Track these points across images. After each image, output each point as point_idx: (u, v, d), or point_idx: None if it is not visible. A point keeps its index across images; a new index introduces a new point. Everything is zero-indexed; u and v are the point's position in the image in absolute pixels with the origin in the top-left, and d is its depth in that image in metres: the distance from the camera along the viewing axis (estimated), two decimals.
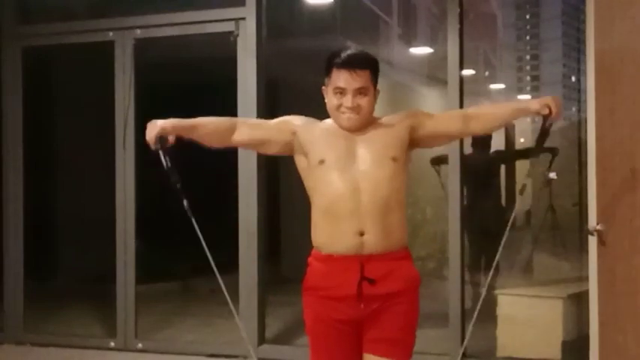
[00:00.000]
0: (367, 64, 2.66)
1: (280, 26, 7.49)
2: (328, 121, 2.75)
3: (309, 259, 2.73)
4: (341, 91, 2.63)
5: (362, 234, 2.58)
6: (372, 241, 2.59)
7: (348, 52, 2.68)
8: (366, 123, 2.68)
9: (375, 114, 2.74)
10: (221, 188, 6.33)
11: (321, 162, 2.63)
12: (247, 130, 2.78)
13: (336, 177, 2.60)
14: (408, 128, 2.70)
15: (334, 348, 2.67)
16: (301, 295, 2.75)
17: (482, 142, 6.72)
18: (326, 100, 2.72)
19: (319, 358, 2.71)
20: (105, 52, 5.55)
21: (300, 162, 2.75)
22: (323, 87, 2.73)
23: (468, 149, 6.53)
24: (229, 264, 5.43)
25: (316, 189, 2.67)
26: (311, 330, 2.73)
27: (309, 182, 2.72)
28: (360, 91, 2.62)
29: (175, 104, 8.73)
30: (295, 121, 2.76)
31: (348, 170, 2.61)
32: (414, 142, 2.73)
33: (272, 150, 2.81)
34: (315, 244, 2.70)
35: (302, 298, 2.74)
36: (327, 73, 2.68)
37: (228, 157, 5.48)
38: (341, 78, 2.62)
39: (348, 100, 2.62)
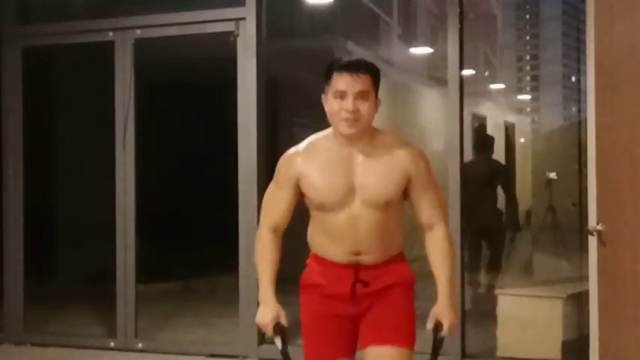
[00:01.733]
0: (368, 69, 2.63)
1: (280, 26, 7.50)
2: (325, 138, 2.71)
3: (308, 260, 2.83)
4: (341, 95, 2.59)
5: (358, 254, 2.66)
6: (368, 259, 2.68)
7: (349, 58, 2.69)
8: (367, 133, 2.65)
9: (376, 113, 2.71)
10: (221, 188, 6.33)
11: (321, 206, 2.66)
12: (280, 218, 2.78)
13: (335, 216, 2.64)
14: (405, 175, 2.66)
15: (330, 341, 2.74)
16: (298, 293, 2.82)
17: (485, 145, 6.72)
18: (326, 109, 2.67)
19: (316, 353, 2.78)
20: (105, 52, 5.55)
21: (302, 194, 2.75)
22: (322, 95, 2.69)
23: (470, 151, 6.55)
24: (229, 264, 5.46)
25: (314, 214, 2.73)
26: (307, 326, 2.80)
27: (308, 204, 2.74)
28: (360, 95, 2.58)
29: (175, 104, 8.80)
30: (292, 168, 2.70)
31: (345, 208, 2.63)
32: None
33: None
34: (312, 249, 2.79)
35: (298, 297, 2.82)
36: (327, 79, 2.65)
37: (228, 157, 5.51)
38: (341, 81, 2.59)
39: (348, 103, 2.57)
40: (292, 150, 2.74)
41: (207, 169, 8.59)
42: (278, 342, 2.74)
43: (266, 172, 5.37)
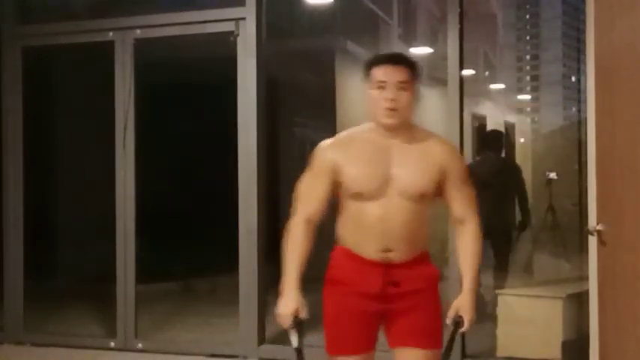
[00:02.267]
0: (407, 62, 2.72)
1: (280, 26, 7.51)
2: (363, 130, 2.77)
3: (334, 254, 2.83)
4: (381, 85, 2.67)
5: (388, 251, 2.70)
6: (397, 256, 2.71)
7: (388, 53, 2.81)
8: (406, 126, 2.72)
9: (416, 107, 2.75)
10: (221, 188, 6.33)
11: (358, 194, 2.68)
12: (315, 209, 2.78)
13: (369, 206, 2.68)
14: (442, 170, 2.73)
15: (354, 336, 2.75)
16: (322, 286, 2.83)
17: (494, 144, 6.68)
18: (368, 104, 2.74)
19: (338, 347, 2.79)
20: (105, 52, 5.55)
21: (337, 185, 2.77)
22: (367, 91, 2.75)
23: (468, 151, 6.54)
24: (229, 264, 5.46)
25: (347, 205, 2.75)
26: (331, 319, 2.80)
27: (341, 196, 2.77)
28: (400, 85, 2.66)
29: (175, 104, 8.80)
30: (329, 157, 2.75)
31: (380, 199, 2.67)
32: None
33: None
34: (341, 242, 2.79)
35: (323, 290, 2.83)
36: (368, 74, 2.73)
37: (228, 157, 5.51)
38: (382, 72, 2.67)
39: (389, 92, 2.65)
40: (329, 140, 2.81)
41: (207, 169, 8.60)
42: (294, 338, 2.73)
43: (266, 172, 5.38)
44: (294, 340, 2.73)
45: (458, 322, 2.69)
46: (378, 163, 2.68)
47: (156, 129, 7.08)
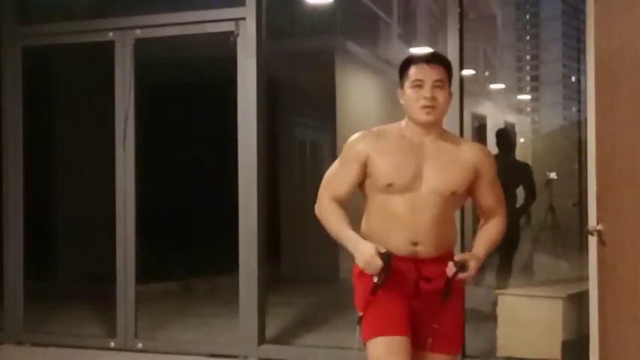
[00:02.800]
0: (443, 62, 2.79)
1: (280, 26, 7.50)
2: (396, 127, 2.81)
3: None
4: (419, 84, 2.72)
5: (415, 244, 2.73)
6: (425, 250, 2.74)
7: (424, 52, 2.85)
8: (439, 126, 2.79)
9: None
10: (221, 188, 6.34)
11: (389, 185, 2.72)
12: (341, 191, 2.81)
13: (399, 199, 2.72)
14: (474, 170, 2.79)
15: (396, 318, 2.71)
16: (352, 279, 2.84)
17: (506, 144, 6.72)
18: (402, 101, 2.80)
19: (382, 327, 2.71)
20: (105, 52, 5.55)
21: (367, 179, 2.80)
22: (398, 90, 2.82)
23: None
24: (229, 264, 5.46)
25: (375, 199, 2.78)
26: (369, 303, 2.73)
27: (368, 190, 2.80)
28: (437, 84, 2.72)
29: (175, 104, 8.80)
30: (361, 146, 2.78)
31: (410, 192, 2.71)
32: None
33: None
34: (368, 239, 2.76)
35: (354, 280, 2.83)
36: (404, 73, 2.78)
37: (228, 157, 5.51)
38: (420, 71, 2.73)
39: (427, 91, 2.70)
40: (360, 132, 2.83)
41: (207, 169, 8.60)
42: (380, 275, 2.64)
43: (266, 172, 5.38)
44: (378, 278, 2.66)
45: (463, 265, 2.67)
46: (410, 157, 2.73)
47: (156, 129, 7.09)
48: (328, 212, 2.79)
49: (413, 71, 2.75)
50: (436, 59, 2.79)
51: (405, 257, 2.72)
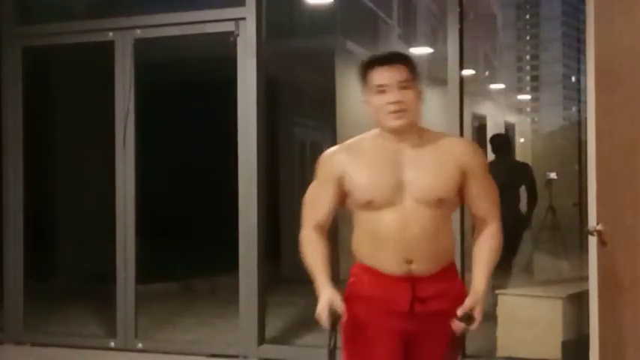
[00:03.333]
0: (402, 60, 2.58)
1: (280, 26, 7.50)
2: (370, 136, 2.62)
3: (354, 270, 2.66)
4: (383, 89, 2.51)
5: (410, 262, 2.53)
6: (420, 268, 2.54)
7: (380, 53, 2.62)
8: (415, 129, 2.57)
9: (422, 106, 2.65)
10: (221, 188, 6.33)
11: (369, 202, 2.53)
12: (323, 217, 2.65)
13: (384, 215, 2.52)
14: (461, 169, 2.56)
15: (381, 355, 2.56)
16: (344, 299, 2.54)
17: (504, 147, 6.76)
18: (370, 111, 2.59)
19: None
20: (105, 52, 5.55)
21: (347, 198, 2.62)
22: (364, 100, 2.61)
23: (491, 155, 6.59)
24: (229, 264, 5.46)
25: (360, 217, 2.60)
26: (354, 337, 2.60)
27: (352, 208, 2.62)
28: (402, 85, 2.51)
29: (175, 104, 8.80)
30: (334, 164, 2.61)
31: (395, 206, 2.51)
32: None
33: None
34: (360, 259, 2.63)
35: (346, 306, 2.53)
36: (364, 79, 2.58)
37: (228, 157, 5.51)
38: (380, 75, 2.52)
39: (391, 96, 2.49)
40: (334, 147, 2.67)
41: (207, 169, 8.60)
42: (331, 338, 2.48)
43: (266, 172, 5.38)
44: (330, 341, 2.48)
45: (470, 316, 2.47)
46: (388, 169, 2.52)
47: (156, 129, 7.09)
48: (306, 244, 2.63)
49: (372, 77, 2.53)
50: (395, 58, 2.56)
51: (401, 277, 2.53)
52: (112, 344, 5.48)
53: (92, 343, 5.56)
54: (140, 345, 5.42)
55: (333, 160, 2.62)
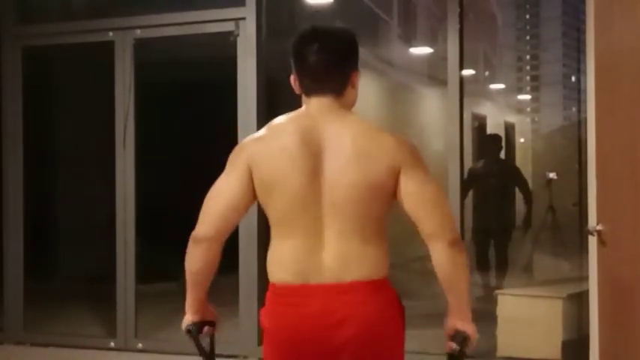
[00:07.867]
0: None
1: (280, 26, 7.49)
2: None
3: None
4: None
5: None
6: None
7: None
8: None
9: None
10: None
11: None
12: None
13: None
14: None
15: None
16: None
17: (493, 148, 6.79)
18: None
19: None
20: (105, 52, 5.55)
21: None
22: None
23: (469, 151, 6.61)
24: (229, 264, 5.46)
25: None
26: None
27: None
28: None
29: (175, 104, 8.79)
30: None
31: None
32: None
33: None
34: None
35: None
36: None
37: (228, 157, 5.50)
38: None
39: None
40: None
41: (208, 169, 8.58)
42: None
43: None
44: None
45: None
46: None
47: (156, 129, 7.08)
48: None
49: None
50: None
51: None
52: (112, 344, 5.48)
53: (92, 343, 5.57)
54: (140, 345, 5.43)
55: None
